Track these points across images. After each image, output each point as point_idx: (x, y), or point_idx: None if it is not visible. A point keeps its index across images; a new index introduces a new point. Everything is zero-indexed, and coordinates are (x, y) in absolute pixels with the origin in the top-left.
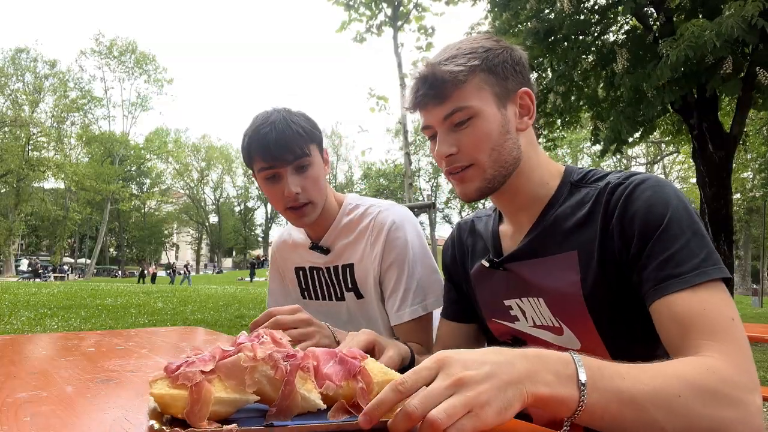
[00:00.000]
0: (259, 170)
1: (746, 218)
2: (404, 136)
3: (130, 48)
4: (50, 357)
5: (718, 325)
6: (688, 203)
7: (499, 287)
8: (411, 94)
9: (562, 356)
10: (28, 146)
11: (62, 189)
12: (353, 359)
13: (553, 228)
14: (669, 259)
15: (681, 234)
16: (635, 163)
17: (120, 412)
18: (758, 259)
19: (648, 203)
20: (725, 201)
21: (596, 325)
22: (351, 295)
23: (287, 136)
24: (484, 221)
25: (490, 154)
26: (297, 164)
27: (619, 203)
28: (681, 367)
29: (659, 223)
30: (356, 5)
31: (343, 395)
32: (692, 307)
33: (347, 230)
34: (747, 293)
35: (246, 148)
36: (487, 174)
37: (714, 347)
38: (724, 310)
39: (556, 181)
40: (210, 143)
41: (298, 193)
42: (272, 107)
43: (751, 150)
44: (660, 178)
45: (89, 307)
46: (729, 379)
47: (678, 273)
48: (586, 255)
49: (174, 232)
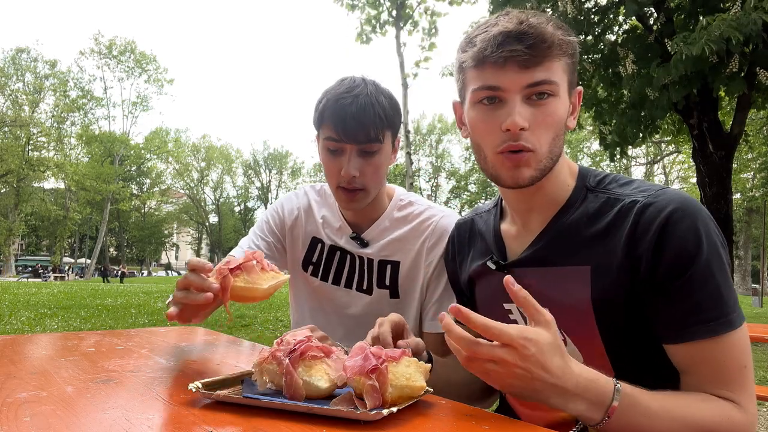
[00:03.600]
0: (326, 138)
1: (746, 218)
2: (405, 135)
3: (129, 48)
4: (50, 357)
5: (733, 375)
6: (720, 239)
7: (500, 290)
8: (491, 46)
9: (606, 389)
10: (28, 146)
11: (62, 189)
12: (377, 358)
13: (567, 236)
14: (697, 305)
15: (711, 278)
16: (635, 163)
17: (120, 412)
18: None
19: (682, 240)
20: (725, 201)
21: (604, 341)
22: (384, 292)
23: (367, 115)
24: (485, 219)
25: (552, 141)
26: (366, 147)
27: (651, 230)
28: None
29: (691, 264)
30: (361, 5)
31: (355, 388)
32: (710, 357)
33: (396, 226)
34: (747, 293)
35: (320, 110)
36: (542, 164)
37: (729, 396)
38: (741, 359)
39: (572, 183)
40: (210, 143)
41: (355, 177)
42: (361, 76)
43: (751, 150)
44: (694, 207)
45: (89, 307)
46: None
47: (704, 320)
48: (600, 271)
49: (174, 232)
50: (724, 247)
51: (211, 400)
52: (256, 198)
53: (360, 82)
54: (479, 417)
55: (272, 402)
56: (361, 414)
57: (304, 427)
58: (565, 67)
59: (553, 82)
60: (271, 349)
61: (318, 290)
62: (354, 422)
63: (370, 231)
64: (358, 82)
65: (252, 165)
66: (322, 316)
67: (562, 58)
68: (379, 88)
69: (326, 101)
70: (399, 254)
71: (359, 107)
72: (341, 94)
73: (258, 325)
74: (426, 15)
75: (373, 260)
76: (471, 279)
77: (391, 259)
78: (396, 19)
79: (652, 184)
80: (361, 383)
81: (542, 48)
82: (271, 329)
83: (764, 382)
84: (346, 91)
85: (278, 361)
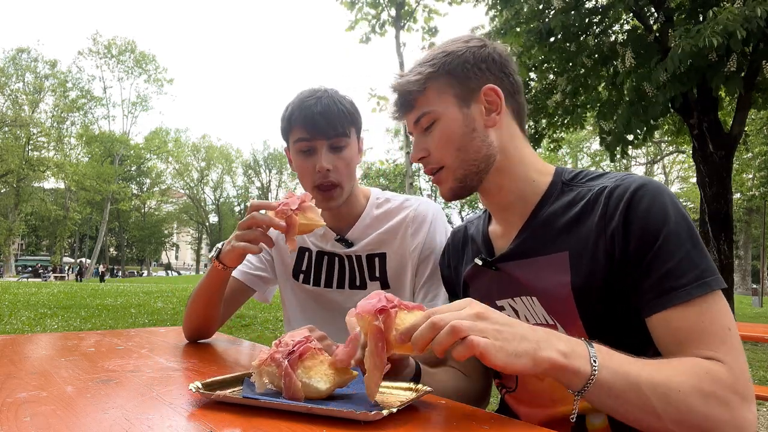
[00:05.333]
0: (296, 141)
1: (746, 218)
2: (405, 135)
3: (129, 48)
4: (50, 357)
5: (716, 336)
6: (686, 212)
7: (491, 288)
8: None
9: (574, 338)
10: (28, 146)
11: (62, 189)
12: (389, 301)
13: (544, 228)
14: (670, 271)
15: (681, 245)
16: (635, 163)
17: (120, 412)
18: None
19: (648, 212)
20: (725, 201)
21: (584, 324)
22: (376, 284)
23: (332, 111)
24: (475, 224)
25: (456, 154)
26: (334, 142)
27: (619, 208)
28: (683, 366)
29: (659, 234)
30: (361, 5)
31: (362, 327)
32: (691, 321)
33: (377, 223)
34: (747, 293)
35: (287, 117)
36: (458, 174)
37: (713, 356)
38: (723, 320)
39: (546, 179)
40: (210, 143)
41: (329, 170)
42: (322, 86)
43: (751, 150)
44: (657, 184)
45: (89, 307)
46: (726, 385)
47: (678, 285)
48: (577, 255)
49: (174, 232)
50: (689, 218)
51: (211, 400)
52: (256, 198)
53: (320, 88)
54: (479, 417)
55: (272, 402)
56: (360, 414)
57: (304, 427)
58: (442, 87)
59: (428, 112)
60: (270, 350)
61: (313, 295)
62: (354, 422)
63: (353, 231)
64: (318, 88)
65: (252, 165)
66: (319, 319)
67: (431, 86)
68: (339, 93)
69: (292, 108)
70: (384, 246)
71: (324, 106)
72: (305, 99)
73: (258, 325)
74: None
75: (361, 256)
76: (465, 282)
77: (378, 251)
78: (396, 20)
79: (620, 173)
80: (367, 323)
81: (408, 95)
82: (271, 329)
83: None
84: (309, 95)
85: (277, 363)
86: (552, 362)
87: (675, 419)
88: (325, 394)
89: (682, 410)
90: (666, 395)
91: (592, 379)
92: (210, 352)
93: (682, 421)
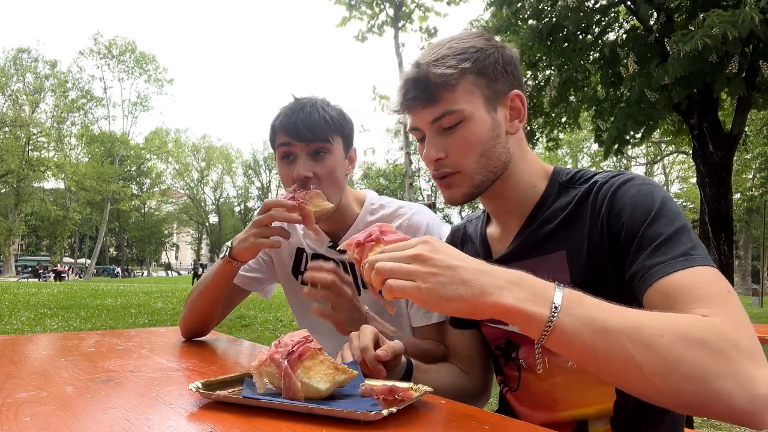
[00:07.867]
0: (278, 145)
1: (746, 218)
2: (404, 135)
3: (129, 48)
4: (50, 357)
5: (713, 294)
6: (678, 207)
7: None
8: (399, 96)
9: (546, 282)
10: (28, 146)
11: (62, 189)
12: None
13: (542, 229)
14: (657, 248)
15: (669, 225)
16: (635, 163)
17: (120, 412)
18: (758, 259)
19: (635, 197)
20: (725, 201)
21: None
22: (369, 291)
23: (313, 118)
24: (474, 224)
25: (478, 160)
26: (314, 147)
27: (605, 200)
28: (670, 315)
29: (647, 215)
30: (358, 4)
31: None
32: (684, 284)
33: None
34: (747, 293)
35: (272, 124)
36: (475, 180)
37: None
38: (720, 283)
39: (544, 183)
40: (210, 143)
41: (308, 177)
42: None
43: (751, 150)
44: (647, 178)
45: (89, 307)
46: (723, 336)
47: (666, 259)
48: (574, 253)
49: (174, 232)
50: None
51: (211, 400)
52: (256, 198)
53: (308, 98)
54: (479, 417)
55: (272, 402)
56: (360, 414)
57: (304, 427)
58: (472, 86)
59: (456, 111)
60: (270, 351)
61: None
62: (354, 422)
63: (345, 238)
64: (306, 97)
65: (252, 165)
66: (319, 318)
67: (463, 82)
68: (327, 103)
69: (278, 116)
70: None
71: (306, 113)
72: (290, 107)
73: (258, 325)
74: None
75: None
76: None
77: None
78: (394, 20)
79: (614, 171)
80: (349, 254)
81: (434, 87)
82: (271, 329)
83: None
84: (294, 103)
85: (277, 364)
86: (499, 307)
87: (659, 371)
88: (325, 394)
89: (668, 358)
90: (645, 341)
91: (549, 325)
92: (210, 352)
93: (668, 372)
